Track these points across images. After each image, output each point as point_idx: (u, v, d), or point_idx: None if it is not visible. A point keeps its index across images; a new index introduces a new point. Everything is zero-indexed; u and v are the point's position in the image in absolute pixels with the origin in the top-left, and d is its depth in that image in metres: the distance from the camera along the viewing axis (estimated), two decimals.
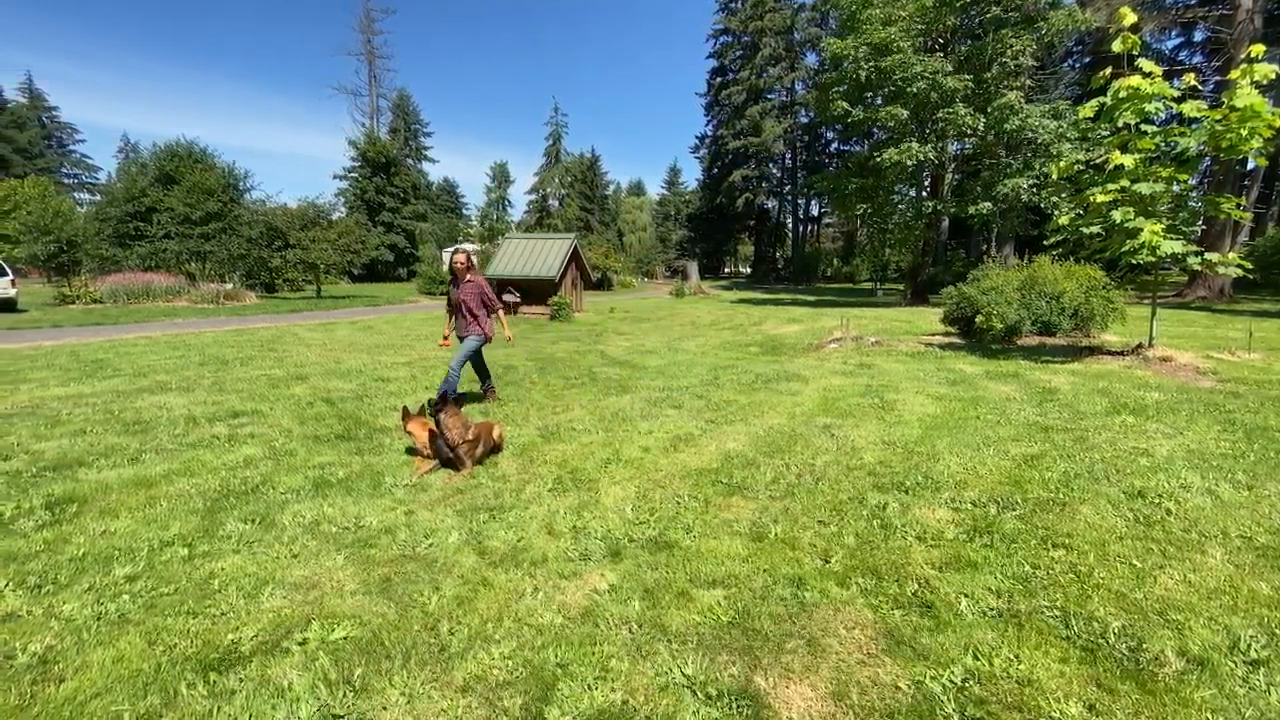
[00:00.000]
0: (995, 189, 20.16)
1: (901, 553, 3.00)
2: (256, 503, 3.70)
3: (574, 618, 2.51)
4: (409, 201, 49.86)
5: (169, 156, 31.44)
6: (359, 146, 47.15)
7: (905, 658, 2.23)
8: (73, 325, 14.01)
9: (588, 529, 3.33)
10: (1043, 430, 5.06)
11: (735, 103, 50.91)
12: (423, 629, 2.43)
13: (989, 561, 2.88)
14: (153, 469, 4.28)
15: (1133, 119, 7.59)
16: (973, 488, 3.81)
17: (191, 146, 31.83)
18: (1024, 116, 19.14)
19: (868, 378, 7.50)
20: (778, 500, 3.70)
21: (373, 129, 54.34)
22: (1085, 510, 3.45)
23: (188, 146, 31.78)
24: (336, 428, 5.40)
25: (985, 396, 6.34)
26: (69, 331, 12.84)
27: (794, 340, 11.91)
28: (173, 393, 6.78)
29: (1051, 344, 9.95)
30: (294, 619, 2.50)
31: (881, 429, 5.20)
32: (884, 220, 23.75)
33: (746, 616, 2.50)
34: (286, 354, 9.87)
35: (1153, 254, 7.37)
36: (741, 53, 51.18)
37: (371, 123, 57.31)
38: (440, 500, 3.76)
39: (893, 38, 20.33)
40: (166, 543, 3.15)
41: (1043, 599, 2.57)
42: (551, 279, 18.50)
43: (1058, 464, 4.21)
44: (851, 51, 20.98)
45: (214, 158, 32.05)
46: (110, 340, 11.42)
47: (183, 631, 2.41)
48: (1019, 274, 11.01)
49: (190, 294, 21.42)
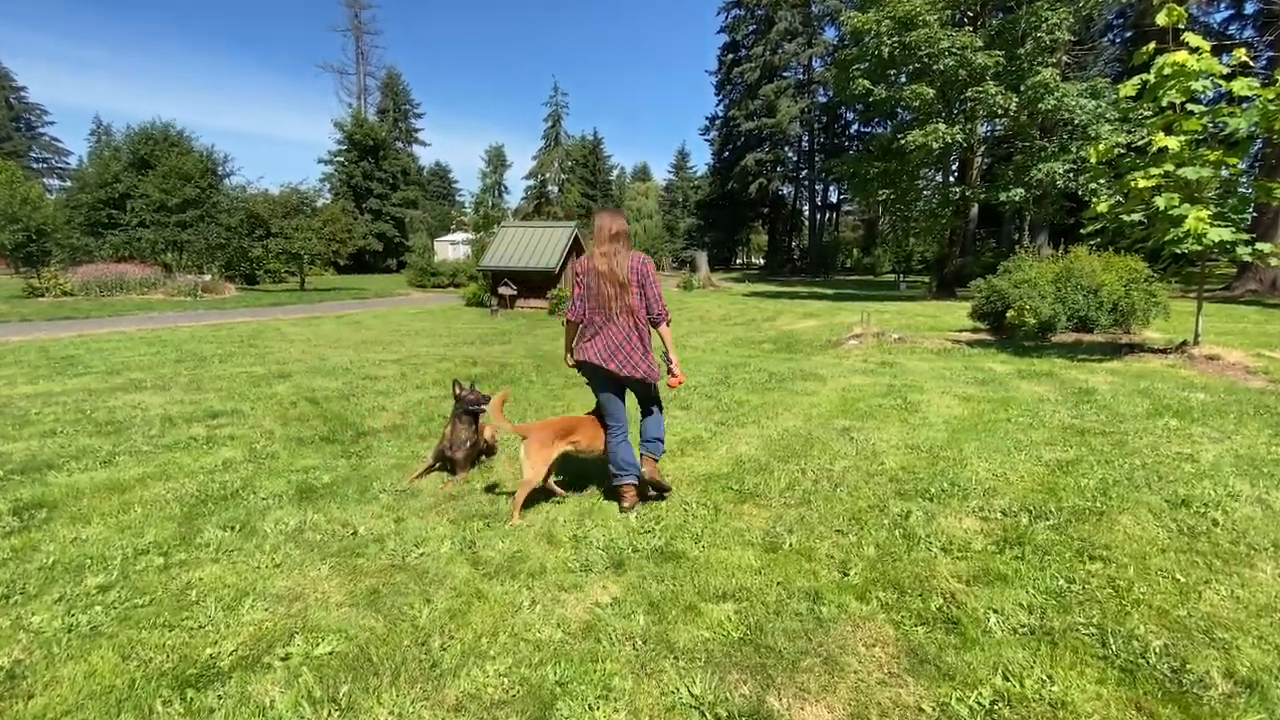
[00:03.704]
0: (1028, 174, 20.02)
1: (926, 565, 2.99)
2: (236, 509, 3.72)
3: (574, 633, 2.52)
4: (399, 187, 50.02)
5: (144, 139, 31.61)
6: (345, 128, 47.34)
7: (929, 678, 2.23)
8: (42, 319, 14.11)
9: (589, 538, 3.33)
10: (1079, 434, 5.04)
11: (748, 81, 50.70)
12: (413, 644, 2.44)
13: (1020, 575, 2.87)
14: (126, 472, 4.31)
15: (1178, 98, 7.52)
16: (1003, 495, 3.80)
17: (168, 129, 31.98)
18: (1060, 95, 18.99)
19: (890, 377, 7.47)
20: (793, 508, 3.70)
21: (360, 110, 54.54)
22: (1125, 520, 3.42)
23: (164, 129, 31.93)
24: (321, 429, 5.42)
25: (1017, 397, 6.31)
26: (38, 326, 12.95)
27: (810, 337, 11.88)
28: (148, 391, 6.82)
29: (1089, 341, 9.89)
30: (276, 632, 2.51)
31: (904, 432, 5.18)
32: (908, 207, 23.65)
33: (759, 632, 2.49)
34: (268, 350, 9.92)
35: (1199, 243, 7.31)
36: (755, 27, 50.93)
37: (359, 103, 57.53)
38: (432, 507, 3.77)
39: (918, 10, 20.19)
40: (141, 551, 3.17)
41: (1078, 615, 2.56)
42: (551, 271, 18.51)
43: (1095, 470, 4.18)
44: (874, 25, 20.85)
45: (192, 141, 32.21)
46: (81, 335, 11.50)
47: (158, 645, 2.42)
48: (1054, 265, 10.94)
49: (166, 286, 21.55)
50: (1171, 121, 7.77)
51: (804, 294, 25.67)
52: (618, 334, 3.58)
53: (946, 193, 22.35)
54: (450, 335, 12.49)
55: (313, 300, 21.33)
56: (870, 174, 23.44)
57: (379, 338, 11.83)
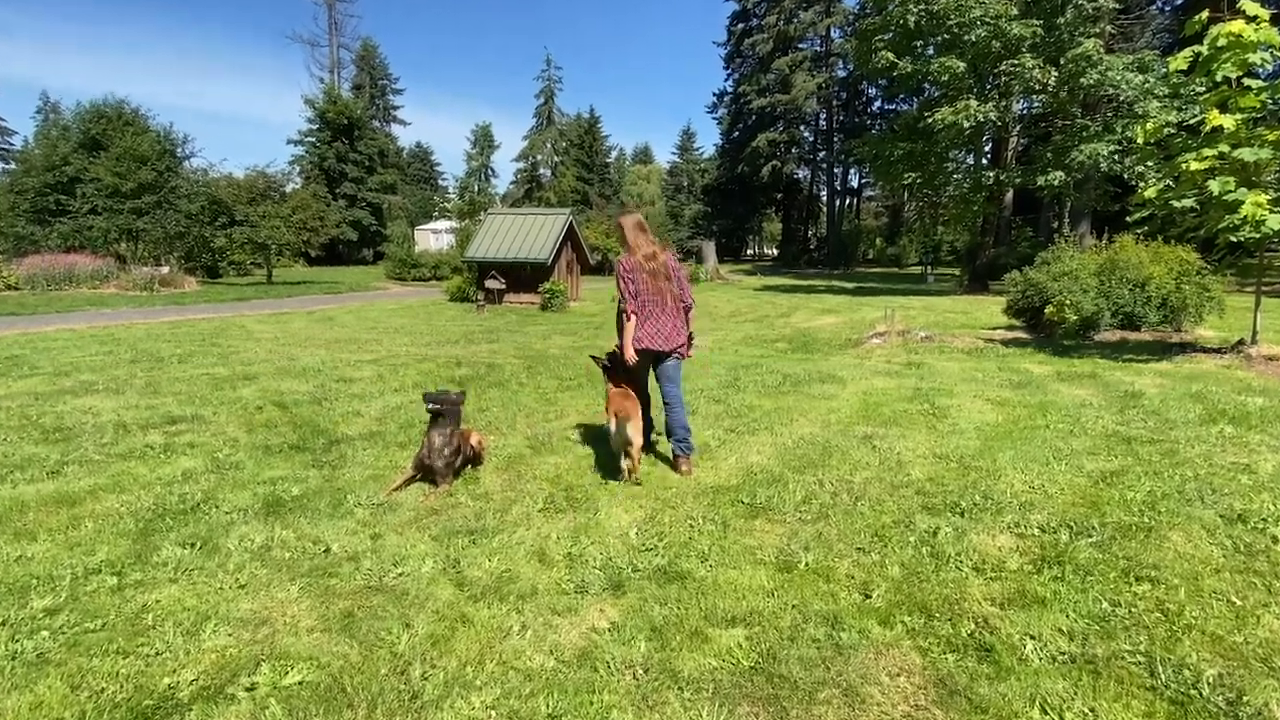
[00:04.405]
0: (1069, 155, 20.02)
1: (956, 586, 2.99)
2: (197, 524, 3.73)
3: (569, 660, 2.52)
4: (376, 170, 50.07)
5: (95, 118, 31.62)
6: (317, 105, 47.39)
7: (960, 710, 2.23)
8: None
9: (585, 556, 3.34)
10: (1124, 441, 5.03)
11: (760, 53, 50.74)
12: (391, 673, 2.44)
13: (1060, 597, 2.87)
14: (76, 484, 4.32)
15: (1234, 72, 7.51)
16: (1040, 510, 3.80)
17: (121, 106, 31.99)
18: (1104, 69, 18.99)
19: (916, 379, 7.48)
20: (809, 523, 3.70)
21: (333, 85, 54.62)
22: (1175, 537, 3.42)
23: (117, 106, 31.95)
24: (290, 436, 5.43)
25: (1056, 401, 6.31)
26: None
27: (829, 335, 11.88)
28: (100, 394, 6.84)
29: (1135, 339, 9.88)
30: (241, 660, 2.51)
31: (933, 440, 5.18)
32: (936, 193, 23.71)
33: (772, 660, 2.49)
34: (232, 350, 9.93)
35: (1256, 231, 7.30)
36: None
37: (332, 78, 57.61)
38: (412, 522, 3.78)
39: None
40: (92, 570, 3.18)
41: (1124, 642, 2.56)
42: (543, 262, 18.54)
43: (1142, 482, 4.18)
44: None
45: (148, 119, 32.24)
46: (26, 334, 11.53)
47: (111, 674, 2.43)
48: (1097, 257, 10.94)
49: (120, 279, 21.61)
50: (1227, 98, 7.76)
51: (821, 288, 25.68)
52: (669, 319, 4.60)
53: (979, 176, 22.34)
54: (432, 333, 12.51)
55: (281, 295, 21.38)
56: (895, 156, 23.44)
57: (354, 336, 11.85)
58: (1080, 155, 19.55)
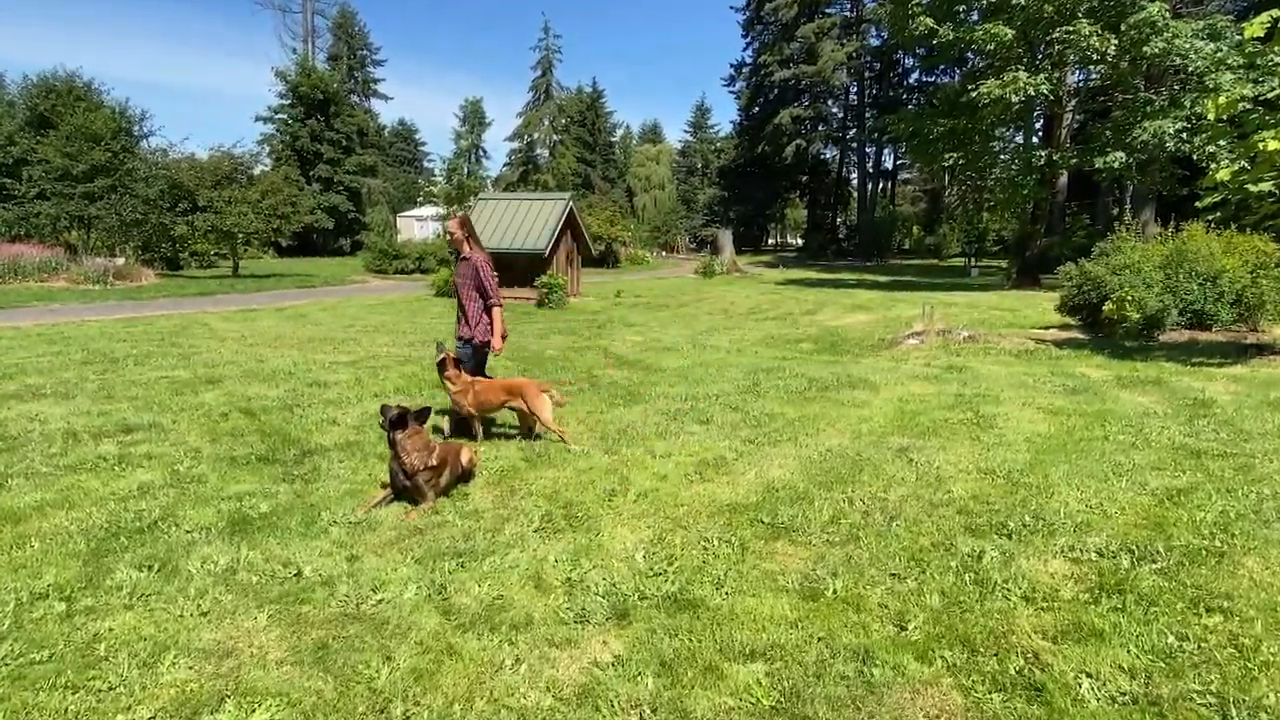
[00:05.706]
0: (1130, 134, 19.92)
1: (1002, 618, 2.98)
2: (155, 544, 3.75)
3: (568, 698, 2.52)
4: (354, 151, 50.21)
5: (43, 92, 31.87)
6: (289, 79, 47.53)
7: None
8: None
9: (586, 582, 3.34)
10: (1193, 455, 5.00)
11: (783, 19, 50.77)
12: (369, 711, 2.45)
13: (1120, 630, 2.85)
14: (21, 499, 4.34)
15: None
16: (1098, 532, 3.78)
17: (72, 79, 32.23)
18: (1170, 37, 18.89)
19: (958, 384, 7.45)
20: (837, 546, 3.69)
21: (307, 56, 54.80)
22: (1250, 563, 3.40)
23: (67, 80, 32.18)
24: (258, 447, 5.45)
25: (1116, 410, 6.28)
26: None
27: (860, 334, 11.85)
28: (47, 399, 6.88)
29: (1205, 340, 9.83)
30: (203, 696, 2.52)
31: (976, 453, 5.16)
32: (981, 175, 23.59)
33: (795, 700, 2.49)
34: (194, 350, 9.99)
35: None
36: None
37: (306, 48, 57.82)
38: (393, 542, 3.78)
39: None
40: (39, 595, 3.20)
41: (1192, 680, 2.54)
42: (539, 253, 18.56)
43: (1213, 501, 4.15)
44: None
45: (102, 94, 32.46)
46: None
47: (59, 711, 2.44)
48: (1162, 247, 10.89)
49: (70, 271, 21.71)
50: None
51: (851, 282, 25.63)
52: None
53: (1029, 157, 22.25)
54: (416, 332, 12.54)
55: (248, 289, 21.48)
56: (934, 133, 23.39)
57: (329, 335, 11.89)
58: (1143, 133, 19.44)
